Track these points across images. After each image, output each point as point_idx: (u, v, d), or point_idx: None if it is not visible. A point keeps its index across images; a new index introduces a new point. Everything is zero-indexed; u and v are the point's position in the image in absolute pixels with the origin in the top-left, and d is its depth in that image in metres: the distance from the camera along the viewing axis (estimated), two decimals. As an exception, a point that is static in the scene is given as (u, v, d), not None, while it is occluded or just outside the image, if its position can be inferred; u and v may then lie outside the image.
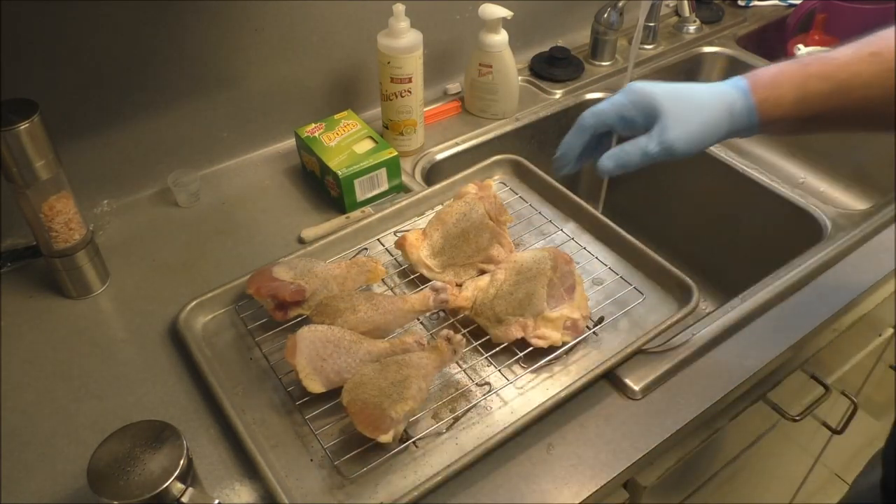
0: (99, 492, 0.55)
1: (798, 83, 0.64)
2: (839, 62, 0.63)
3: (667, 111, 0.65)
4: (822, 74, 0.63)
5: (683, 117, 0.65)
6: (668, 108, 0.65)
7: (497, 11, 1.05)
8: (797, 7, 1.43)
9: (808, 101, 0.64)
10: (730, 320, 0.82)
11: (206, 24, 0.93)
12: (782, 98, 0.64)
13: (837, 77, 0.63)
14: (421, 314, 0.80)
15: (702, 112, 0.65)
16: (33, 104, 0.73)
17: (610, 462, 0.69)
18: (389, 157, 0.96)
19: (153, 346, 0.80)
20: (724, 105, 0.65)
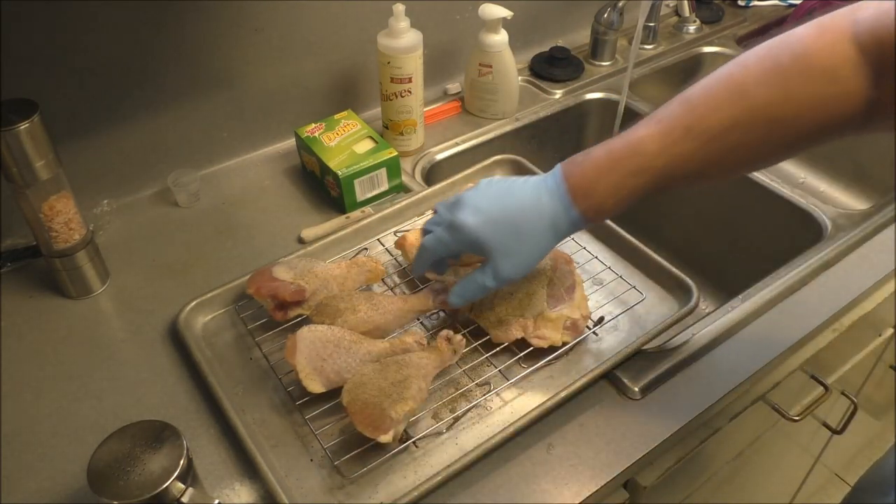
0: (99, 492, 0.55)
1: (614, 186, 0.64)
2: (652, 150, 0.62)
3: (495, 249, 0.66)
4: (637, 170, 0.62)
5: (512, 252, 0.67)
6: (496, 246, 0.66)
7: (497, 11, 1.05)
8: (797, 7, 1.43)
9: (631, 197, 0.64)
10: (730, 320, 0.82)
11: (206, 25, 0.93)
12: (603, 205, 0.65)
13: (654, 167, 0.62)
14: (421, 314, 0.80)
15: (528, 242, 0.66)
16: (33, 104, 0.73)
17: (610, 462, 0.69)
18: (389, 157, 0.96)
19: (153, 346, 0.80)
20: (550, 227, 0.66)
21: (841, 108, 0.57)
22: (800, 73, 0.57)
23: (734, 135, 0.59)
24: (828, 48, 0.56)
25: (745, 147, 0.60)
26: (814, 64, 0.56)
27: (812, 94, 0.57)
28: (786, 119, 0.58)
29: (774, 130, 0.59)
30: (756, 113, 0.59)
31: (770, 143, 0.60)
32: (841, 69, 0.56)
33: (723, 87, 0.60)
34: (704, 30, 1.40)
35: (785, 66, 0.57)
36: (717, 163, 0.61)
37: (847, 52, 0.56)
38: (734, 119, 0.59)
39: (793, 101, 0.57)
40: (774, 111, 0.58)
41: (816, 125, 0.58)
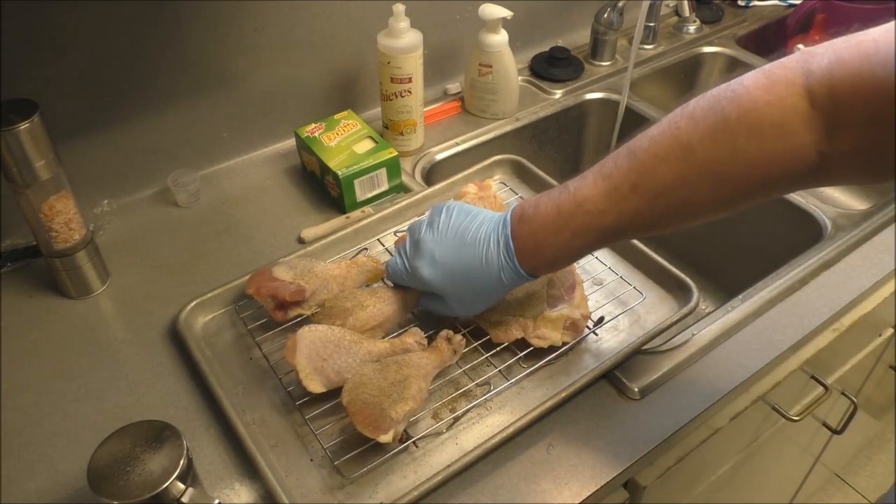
0: (99, 492, 0.55)
1: (561, 246, 0.65)
2: (599, 209, 0.61)
3: (448, 296, 0.73)
4: (584, 229, 0.63)
5: (464, 299, 0.72)
6: (450, 293, 0.72)
7: (497, 11, 1.05)
8: (797, 7, 1.43)
9: (578, 254, 0.67)
10: (730, 320, 0.82)
11: (206, 24, 0.93)
12: (552, 262, 0.68)
13: (601, 225, 0.62)
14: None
15: (480, 292, 0.71)
16: (33, 104, 0.73)
17: (610, 462, 0.69)
18: (389, 157, 0.96)
19: (153, 346, 0.80)
20: (498, 281, 0.69)
21: (791, 164, 0.55)
22: (748, 129, 0.55)
23: (682, 191, 0.58)
24: (777, 102, 0.54)
25: (694, 203, 0.59)
26: (762, 119, 0.54)
27: (760, 150, 0.55)
28: (734, 176, 0.57)
29: (723, 187, 0.58)
30: (703, 170, 0.57)
31: (719, 200, 0.59)
32: (790, 123, 0.54)
33: (669, 142, 0.58)
34: (704, 30, 1.40)
35: (732, 121, 0.55)
36: (666, 217, 0.61)
37: (798, 106, 0.53)
38: (681, 176, 0.58)
39: (740, 158, 0.55)
40: (722, 168, 0.56)
41: (766, 181, 0.57)
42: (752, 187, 0.57)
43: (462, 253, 0.70)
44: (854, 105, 0.51)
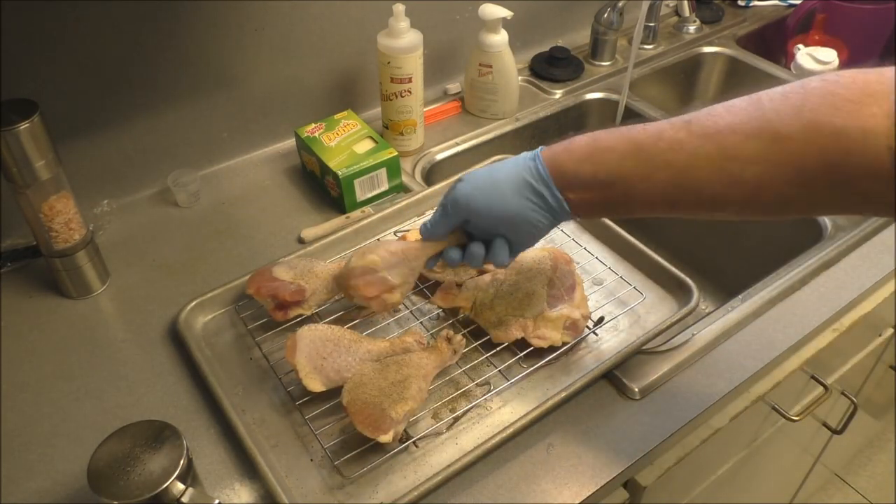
0: (99, 492, 0.55)
1: (588, 143, 0.63)
2: (638, 127, 0.60)
3: (477, 211, 0.67)
4: (616, 133, 0.61)
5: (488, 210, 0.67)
6: (477, 206, 0.67)
7: (497, 11, 1.05)
8: (797, 7, 1.43)
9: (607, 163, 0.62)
10: (730, 320, 0.82)
11: (206, 24, 0.93)
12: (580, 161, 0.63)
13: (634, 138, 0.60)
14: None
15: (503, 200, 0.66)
16: (33, 104, 0.73)
17: (610, 462, 0.69)
18: (389, 157, 0.96)
19: (153, 346, 0.80)
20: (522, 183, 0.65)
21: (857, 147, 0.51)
22: (822, 97, 0.52)
23: (731, 139, 0.55)
24: (860, 84, 0.51)
25: (741, 157, 0.55)
26: (840, 93, 0.51)
27: (828, 118, 0.51)
28: (792, 138, 0.52)
29: (777, 147, 0.53)
30: (762, 123, 0.54)
31: (769, 163, 0.54)
32: (868, 106, 0.50)
33: (744, 98, 0.56)
34: (704, 30, 1.40)
35: (810, 88, 0.53)
36: (706, 163, 0.56)
37: (882, 93, 0.50)
38: (736, 122, 0.55)
39: (803, 119, 0.52)
40: (782, 125, 0.53)
41: (824, 160, 0.52)
42: (809, 158, 0.52)
43: (492, 168, 0.68)
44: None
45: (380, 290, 0.71)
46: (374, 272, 0.71)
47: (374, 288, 0.71)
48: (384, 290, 0.72)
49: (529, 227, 0.67)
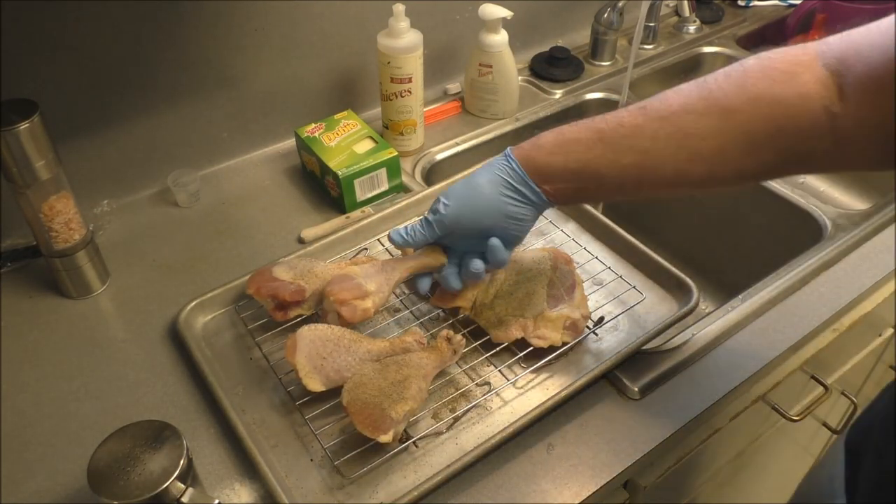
0: (99, 492, 0.55)
1: (555, 138, 0.67)
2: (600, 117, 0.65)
3: (457, 220, 0.72)
4: (581, 125, 0.66)
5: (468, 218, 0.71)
6: (456, 216, 0.71)
7: (497, 11, 1.05)
8: (797, 7, 1.43)
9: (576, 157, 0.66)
10: (730, 320, 0.82)
11: (207, 24, 0.93)
12: (550, 154, 0.67)
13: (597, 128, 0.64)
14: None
15: (481, 206, 0.71)
16: (33, 104, 0.73)
17: (610, 462, 0.69)
18: (389, 157, 0.96)
19: (153, 346, 0.80)
20: (498, 186, 0.70)
21: (798, 111, 0.56)
22: (760, 70, 0.58)
23: (687, 118, 0.60)
24: (790, 57, 0.58)
25: (696, 135, 0.60)
26: (775, 65, 0.58)
27: (769, 89, 0.57)
28: (740, 110, 0.58)
29: (727, 119, 0.58)
30: (710, 102, 0.59)
31: (722, 135, 0.59)
32: (801, 74, 0.57)
33: (687, 85, 0.62)
34: (704, 30, 1.40)
35: (748, 65, 0.59)
36: (666, 147, 0.61)
37: (810, 63, 0.57)
38: (687, 103, 0.60)
39: (746, 93, 0.58)
40: (728, 101, 0.58)
41: (773, 124, 0.57)
42: (755, 126, 0.58)
43: (469, 179, 0.72)
44: (859, 66, 0.54)
45: (353, 295, 0.73)
46: (351, 279, 0.74)
47: (347, 293, 0.73)
48: (357, 295, 0.73)
49: (516, 224, 0.71)
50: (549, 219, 0.94)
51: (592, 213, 0.93)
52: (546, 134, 0.68)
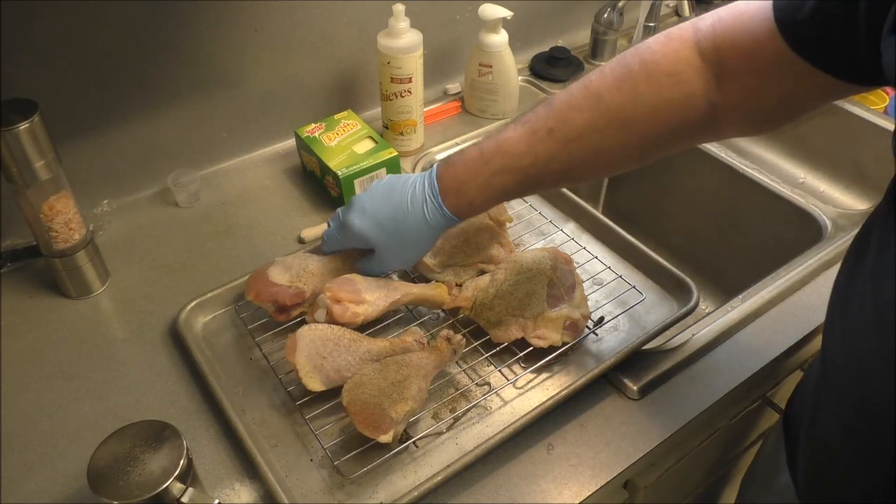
0: (99, 492, 0.55)
1: (482, 185, 0.69)
2: (518, 150, 0.66)
3: (378, 246, 0.75)
4: (504, 169, 0.67)
5: (394, 248, 0.75)
6: (379, 243, 0.75)
7: (497, 11, 1.05)
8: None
9: (500, 196, 0.70)
10: (730, 320, 0.82)
11: (207, 24, 0.93)
12: (472, 202, 0.70)
13: (520, 166, 0.67)
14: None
15: (409, 239, 0.74)
16: (33, 104, 0.73)
17: (610, 462, 0.69)
18: (389, 157, 0.96)
19: (153, 346, 0.80)
20: (425, 224, 0.72)
21: (686, 111, 0.61)
22: (647, 77, 0.61)
23: (592, 136, 0.64)
24: (672, 55, 0.61)
25: (605, 149, 0.64)
26: (660, 69, 0.61)
27: (658, 96, 0.61)
28: (638, 121, 0.62)
29: (628, 132, 0.63)
30: (610, 116, 0.63)
31: (627, 146, 0.64)
32: (683, 73, 0.61)
33: (581, 92, 0.64)
34: (704, 30, 1.40)
35: (635, 72, 0.62)
36: (580, 162, 0.65)
37: (689, 58, 0.60)
38: (590, 122, 0.63)
39: (641, 104, 0.62)
40: (626, 114, 0.62)
41: (668, 127, 0.62)
42: (655, 134, 0.63)
43: (390, 199, 0.73)
44: (734, 56, 0.58)
45: (349, 298, 0.74)
46: (353, 283, 0.75)
47: (345, 294, 0.74)
48: (353, 300, 0.74)
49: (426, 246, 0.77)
50: (549, 219, 0.94)
51: (592, 213, 0.93)
52: (473, 181, 0.69)
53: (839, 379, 0.57)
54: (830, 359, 0.59)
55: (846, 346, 0.56)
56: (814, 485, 0.65)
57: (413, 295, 0.78)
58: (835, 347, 0.59)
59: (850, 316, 0.55)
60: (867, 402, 0.53)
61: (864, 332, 0.52)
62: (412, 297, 0.79)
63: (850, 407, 0.56)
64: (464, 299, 0.79)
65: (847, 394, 0.56)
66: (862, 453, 0.56)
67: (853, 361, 0.54)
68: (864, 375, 0.53)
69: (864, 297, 0.53)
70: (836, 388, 0.58)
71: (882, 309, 0.50)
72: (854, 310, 0.54)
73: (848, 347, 0.55)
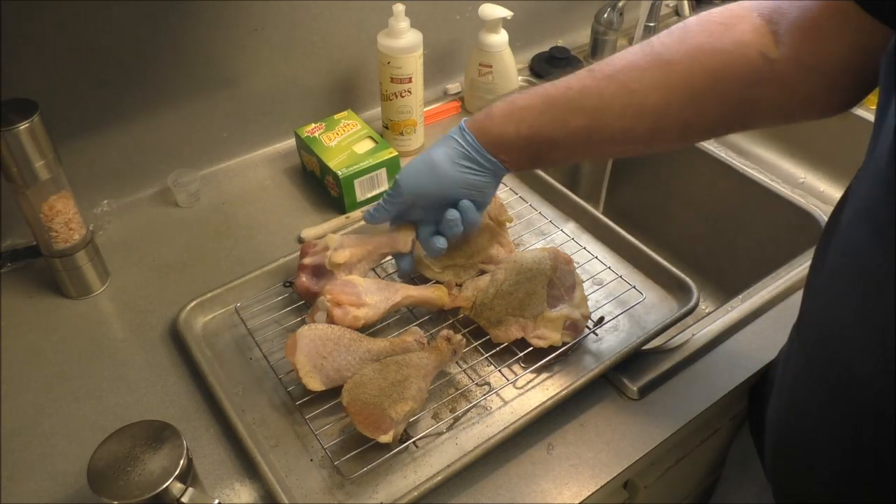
0: (99, 492, 0.55)
1: (507, 108, 0.69)
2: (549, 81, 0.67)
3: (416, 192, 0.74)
4: (531, 92, 0.68)
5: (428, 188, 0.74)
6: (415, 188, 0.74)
7: (497, 11, 1.05)
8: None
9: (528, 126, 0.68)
10: (730, 320, 0.82)
11: (207, 24, 0.93)
12: (502, 124, 0.69)
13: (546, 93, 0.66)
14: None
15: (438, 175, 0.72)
16: (33, 104, 0.73)
17: (610, 462, 0.69)
18: (389, 157, 0.96)
19: (153, 346, 0.80)
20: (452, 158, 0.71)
21: (736, 59, 0.58)
22: (699, 26, 0.61)
23: (631, 73, 0.62)
24: (727, 10, 0.60)
25: (641, 89, 0.61)
26: (713, 19, 0.60)
27: (707, 40, 0.59)
28: (679, 63, 0.60)
29: (669, 71, 0.60)
30: (653, 57, 0.61)
31: (666, 87, 0.61)
32: (738, 25, 0.59)
33: (633, 47, 0.64)
34: (704, 30, 1.40)
35: (689, 23, 0.62)
36: (614, 104, 0.63)
37: (746, 14, 0.59)
38: (632, 61, 0.62)
39: (685, 46, 0.60)
40: (670, 55, 0.60)
41: (710, 71, 0.59)
42: (696, 77, 0.60)
43: (426, 153, 0.74)
44: (792, 10, 0.57)
45: (349, 301, 0.74)
46: (354, 286, 0.75)
47: (345, 296, 0.74)
48: (354, 302, 0.74)
49: (478, 192, 0.73)
50: (549, 219, 0.94)
51: (592, 213, 0.93)
52: (498, 103, 0.70)
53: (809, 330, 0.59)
54: (807, 320, 0.61)
55: (822, 301, 0.57)
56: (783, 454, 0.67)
57: (413, 297, 0.78)
58: (811, 305, 0.60)
59: (827, 270, 0.56)
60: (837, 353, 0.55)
61: (838, 283, 0.53)
62: (412, 300, 0.79)
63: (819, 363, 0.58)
64: (464, 299, 0.79)
65: (819, 350, 0.58)
66: (834, 413, 0.57)
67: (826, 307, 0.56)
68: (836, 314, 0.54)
69: (838, 249, 0.54)
70: (809, 335, 0.60)
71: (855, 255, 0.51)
72: (829, 265, 0.56)
73: (823, 301, 0.57)
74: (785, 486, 0.70)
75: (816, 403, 0.59)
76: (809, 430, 0.61)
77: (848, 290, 0.53)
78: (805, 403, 0.62)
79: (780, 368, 0.71)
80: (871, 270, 0.49)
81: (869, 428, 0.53)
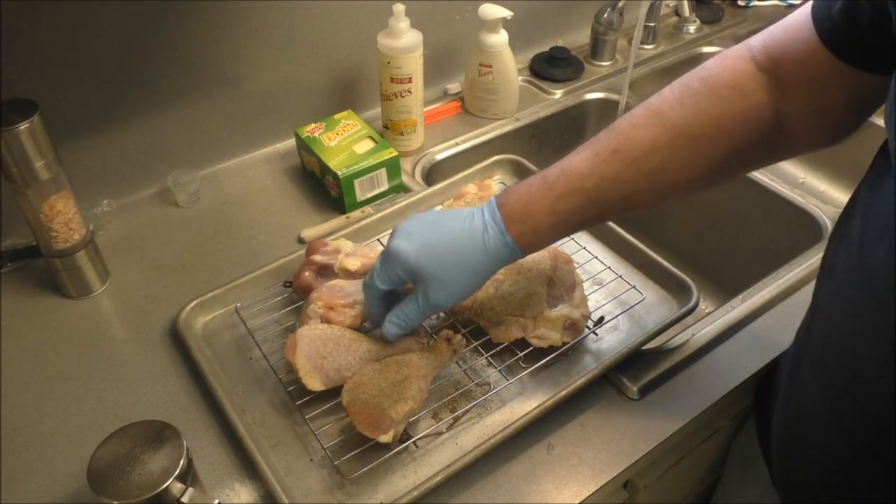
0: (99, 492, 0.55)
1: (548, 209, 0.64)
2: (582, 172, 0.64)
3: (429, 277, 0.66)
4: (569, 192, 0.64)
5: (446, 281, 0.66)
6: (429, 273, 0.66)
7: (497, 11, 1.05)
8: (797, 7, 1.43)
9: (566, 222, 0.65)
10: (730, 320, 0.82)
11: (207, 25, 0.93)
12: (538, 228, 0.65)
13: (584, 188, 0.63)
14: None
15: (463, 268, 0.66)
16: (33, 104, 0.73)
17: (610, 462, 0.69)
18: (389, 157, 0.96)
19: (153, 346, 0.80)
20: (483, 254, 0.65)
21: (753, 122, 0.60)
22: (709, 92, 0.61)
23: (659, 154, 0.62)
24: (730, 69, 0.61)
25: (671, 168, 0.62)
26: (720, 83, 0.61)
27: (722, 109, 0.61)
28: (704, 136, 0.61)
29: (695, 149, 0.62)
30: (675, 132, 0.61)
31: (694, 164, 0.62)
32: (745, 85, 0.60)
33: (643, 112, 0.63)
34: (704, 30, 1.40)
35: (695, 88, 0.62)
36: (646, 184, 0.63)
37: (748, 71, 0.60)
38: (655, 139, 0.62)
39: (706, 118, 0.61)
40: (692, 129, 0.61)
41: (735, 141, 0.61)
42: (722, 150, 0.62)
43: (442, 229, 0.67)
44: (789, 65, 0.59)
45: (344, 303, 0.75)
46: (342, 289, 0.76)
47: (337, 299, 0.75)
48: (348, 304, 0.75)
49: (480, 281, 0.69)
50: (549, 219, 0.94)
51: (592, 213, 0.93)
52: (539, 205, 0.65)
53: (819, 336, 0.59)
54: (816, 324, 0.61)
55: (831, 309, 0.57)
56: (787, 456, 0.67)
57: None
58: (821, 313, 0.60)
59: (837, 279, 0.56)
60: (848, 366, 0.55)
61: (850, 293, 0.54)
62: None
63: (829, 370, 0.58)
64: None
65: (829, 358, 0.58)
66: (843, 420, 0.57)
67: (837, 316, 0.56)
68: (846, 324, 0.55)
69: (850, 260, 0.54)
70: (819, 342, 0.60)
71: (868, 268, 0.51)
72: (840, 275, 0.56)
73: (834, 310, 0.57)
74: (792, 494, 0.70)
75: (825, 410, 0.59)
76: (818, 437, 0.61)
77: (858, 301, 0.53)
78: (813, 410, 0.61)
79: (785, 372, 0.70)
80: (884, 286, 0.50)
81: (879, 437, 0.53)
